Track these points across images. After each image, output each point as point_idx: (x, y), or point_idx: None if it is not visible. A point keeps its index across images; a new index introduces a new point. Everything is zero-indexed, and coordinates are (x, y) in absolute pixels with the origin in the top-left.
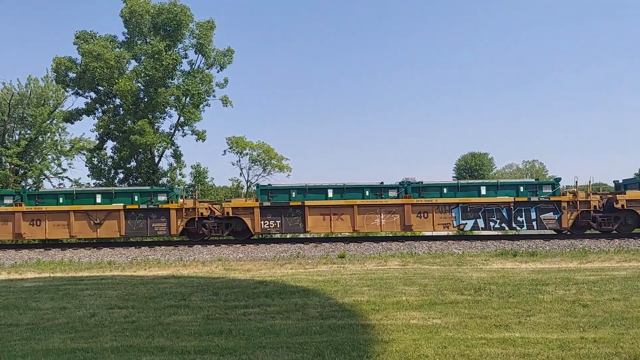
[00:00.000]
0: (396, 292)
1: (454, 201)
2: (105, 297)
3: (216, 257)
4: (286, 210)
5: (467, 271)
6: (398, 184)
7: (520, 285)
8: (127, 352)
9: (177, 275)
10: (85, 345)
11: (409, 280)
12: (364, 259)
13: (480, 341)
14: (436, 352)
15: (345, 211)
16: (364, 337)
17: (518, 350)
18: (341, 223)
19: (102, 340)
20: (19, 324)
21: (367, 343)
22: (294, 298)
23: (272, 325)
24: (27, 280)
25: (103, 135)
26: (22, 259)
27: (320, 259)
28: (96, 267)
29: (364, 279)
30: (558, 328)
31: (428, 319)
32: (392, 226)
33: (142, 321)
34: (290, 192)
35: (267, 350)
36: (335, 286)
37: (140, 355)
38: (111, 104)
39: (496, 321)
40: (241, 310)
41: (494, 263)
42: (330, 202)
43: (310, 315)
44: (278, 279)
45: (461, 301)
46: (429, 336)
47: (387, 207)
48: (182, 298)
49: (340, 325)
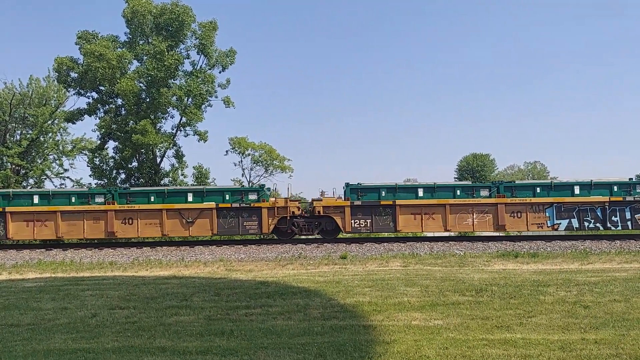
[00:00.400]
0: (398, 293)
1: (548, 201)
2: (107, 297)
3: (218, 257)
4: (377, 210)
5: (468, 272)
6: (490, 184)
7: (521, 286)
8: (128, 352)
9: (178, 276)
10: (86, 345)
11: (411, 281)
12: (365, 259)
13: (481, 342)
14: (437, 353)
15: (437, 210)
16: (365, 338)
17: (519, 351)
18: (432, 222)
19: (103, 340)
20: (20, 325)
21: (368, 344)
22: (295, 299)
23: (273, 325)
24: (28, 280)
25: (104, 136)
26: (24, 259)
27: (321, 260)
28: (97, 268)
29: (365, 280)
30: (559, 329)
31: (429, 320)
32: (485, 226)
33: (143, 322)
34: (380, 191)
35: (268, 350)
36: (337, 287)
37: (141, 356)
38: (113, 104)
39: (497, 322)
40: (243, 310)
41: (496, 264)
42: (421, 201)
43: (312, 316)
44: (280, 279)
45: (463, 302)
46: (430, 337)
47: (480, 206)
48: (184, 298)
49: (342, 326)
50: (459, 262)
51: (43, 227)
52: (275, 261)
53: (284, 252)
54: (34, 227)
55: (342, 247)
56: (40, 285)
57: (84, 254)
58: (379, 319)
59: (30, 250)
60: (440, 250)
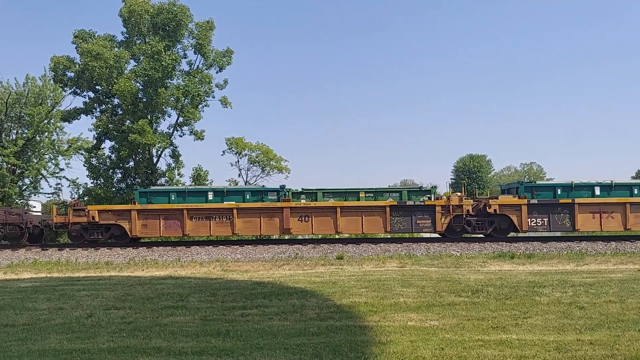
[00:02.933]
0: (394, 294)
1: None
2: (102, 297)
3: (214, 258)
4: (554, 208)
5: (464, 273)
6: None
7: (517, 287)
8: (124, 353)
9: (174, 276)
10: (81, 346)
11: (407, 281)
12: (362, 260)
13: (477, 343)
14: (433, 354)
15: (616, 209)
16: (361, 338)
17: (515, 352)
18: (612, 221)
19: (98, 341)
20: (15, 325)
21: (364, 344)
22: (291, 299)
23: (269, 326)
24: (23, 280)
25: (101, 135)
26: (19, 259)
27: (318, 260)
28: (93, 268)
29: (362, 281)
30: (555, 330)
31: (426, 320)
32: None
33: (139, 322)
34: (556, 190)
35: (264, 351)
36: (333, 287)
37: (137, 356)
38: (109, 104)
39: (493, 323)
40: (239, 311)
41: (492, 265)
42: (600, 199)
43: (308, 316)
44: (276, 280)
45: (459, 303)
46: (426, 338)
47: None
48: (180, 299)
49: (338, 327)
50: (455, 263)
51: None
52: (271, 261)
53: (280, 252)
54: None
55: (339, 248)
56: (36, 285)
57: (79, 254)
58: (375, 319)
59: (25, 250)
60: (437, 251)
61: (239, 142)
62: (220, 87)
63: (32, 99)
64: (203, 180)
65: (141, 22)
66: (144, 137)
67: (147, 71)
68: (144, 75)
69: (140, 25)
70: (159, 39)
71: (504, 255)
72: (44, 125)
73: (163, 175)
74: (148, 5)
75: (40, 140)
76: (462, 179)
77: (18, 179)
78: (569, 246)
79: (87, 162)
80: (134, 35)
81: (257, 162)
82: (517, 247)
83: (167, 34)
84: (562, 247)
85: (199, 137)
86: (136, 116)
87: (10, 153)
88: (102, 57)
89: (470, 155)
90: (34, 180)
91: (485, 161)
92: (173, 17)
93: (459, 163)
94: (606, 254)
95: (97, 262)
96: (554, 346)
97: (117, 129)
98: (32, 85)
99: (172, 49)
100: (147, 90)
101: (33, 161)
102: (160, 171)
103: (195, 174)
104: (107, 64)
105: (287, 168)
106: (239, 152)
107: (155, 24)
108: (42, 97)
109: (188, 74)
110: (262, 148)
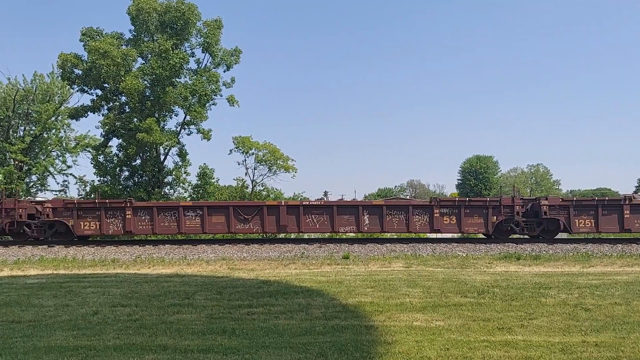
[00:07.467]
0: (400, 294)
1: None
2: (109, 295)
3: (220, 256)
4: None
5: (470, 274)
6: None
7: (523, 288)
8: (129, 350)
9: (181, 274)
10: (87, 343)
11: (413, 282)
12: (367, 260)
13: (482, 344)
14: (439, 354)
15: None
16: (367, 338)
17: (520, 353)
18: None
19: (104, 338)
20: (21, 321)
21: (370, 344)
22: (297, 298)
23: (275, 325)
24: (29, 277)
25: (108, 133)
26: (25, 256)
27: (324, 260)
28: (100, 265)
29: (367, 280)
30: (560, 331)
31: (431, 321)
32: None
33: (145, 319)
34: None
35: (270, 350)
36: (339, 287)
37: (143, 354)
38: (117, 102)
39: (499, 324)
40: (245, 309)
41: (498, 266)
42: None
43: (313, 315)
44: (282, 279)
45: (464, 304)
46: (432, 338)
47: None
48: (186, 297)
49: (343, 326)
50: (461, 264)
51: None
52: (277, 260)
53: (287, 251)
54: None
55: (345, 247)
56: (42, 282)
57: (86, 251)
58: (380, 319)
59: (32, 246)
60: (443, 251)
61: (246, 140)
62: (228, 86)
63: (39, 96)
64: (209, 179)
65: (149, 20)
66: (151, 135)
67: (154, 69)
68: (152, 74)
69: (148, 24)
70: (167, 37)
71: (510, 257)
72: (52, 123)
73: (170, 174)
74: (156, 3)
75: (47, 137)
76: (469, 179)
77: (25, 175)
78: (575, 248)
79: (95, 159)
80: (141, 33)
81: (264, 161)
82: (523, 248)
83: (175, 33)
84: (568, 249)
85: (206, 137)
86: (143, 114)
87: (17, 150)
88: (110, 55)
89: (477, 156)
90: (41, 177)
91: (492, 162)
92: (181, 16)
93: (465, 164)
94: (612, 256)
95: (103, 259)
96: (560, 347)
97: (124, 127)
98: (40, 83)
99: (180, 47)
100: (154, 88)
101: (40, 158)
102: (167, 169)
103: (201, 172)
104: (114, 62)
105: (294, 167)
106: (246, 151)
107: (163, 22)
108: (49, 94)
109: (196, 72)
110: (269, 147)
